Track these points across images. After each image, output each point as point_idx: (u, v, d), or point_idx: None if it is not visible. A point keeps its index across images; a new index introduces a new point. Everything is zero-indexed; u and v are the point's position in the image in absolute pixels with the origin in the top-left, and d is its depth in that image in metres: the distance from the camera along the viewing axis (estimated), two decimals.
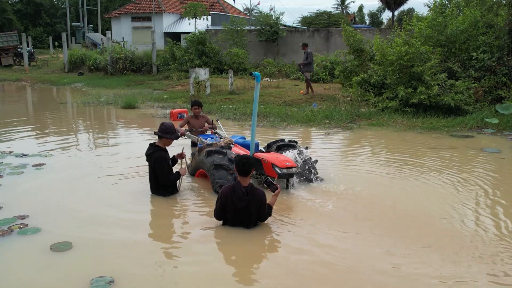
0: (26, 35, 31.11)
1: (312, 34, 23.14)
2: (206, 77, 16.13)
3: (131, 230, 4.79)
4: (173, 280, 3.85)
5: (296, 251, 4.32)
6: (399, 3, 51.50)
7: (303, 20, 50.54)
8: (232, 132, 9.34)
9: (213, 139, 7.26)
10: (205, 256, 4.28)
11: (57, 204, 5.51)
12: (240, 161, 4.71)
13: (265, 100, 14.30)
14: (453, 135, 9.63)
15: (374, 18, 72.89)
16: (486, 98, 11.59)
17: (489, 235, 4.64)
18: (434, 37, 12.54)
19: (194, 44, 22.19)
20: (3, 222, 4.89)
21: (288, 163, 5.80)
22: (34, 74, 25.57)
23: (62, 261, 4.14)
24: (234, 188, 4.69)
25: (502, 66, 11.79)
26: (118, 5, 52.90)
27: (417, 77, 11.39)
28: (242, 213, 4.68)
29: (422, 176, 6.73)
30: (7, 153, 7.98)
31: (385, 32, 18.61)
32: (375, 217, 5.15)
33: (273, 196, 4.94)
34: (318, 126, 10.76)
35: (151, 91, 18.02)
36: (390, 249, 4.33)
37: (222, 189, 4.81)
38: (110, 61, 23.94)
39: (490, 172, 6.97)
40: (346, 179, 6.45)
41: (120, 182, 6.39)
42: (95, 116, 13.17)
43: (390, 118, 10.93)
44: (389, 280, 3.81)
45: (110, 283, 3.70)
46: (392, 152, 8.44)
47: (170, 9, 36.80)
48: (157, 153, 5.69)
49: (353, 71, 13.70)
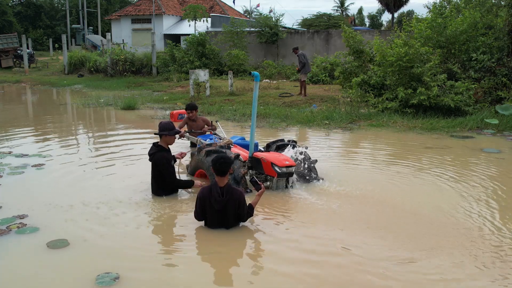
0: (26, 37, 31.18)
1: (312, 35, 23.17)
2: (206, 78, 16.15)
3: (131, 229, 4.78)
4: (175, 277, 3.85)
5: (296, 250, 4.30)
6: (399, 5, 51.59)
7: (303, 22, 50.72)
8: (231, 133, 9.34)
9: (212, 140, 7.26)
10: (206, 255, 4.28)
11: (56, 203, 5.50)
12: (217, 161, 4.56)
13: (265, 101, 14.31)
14: (453, 135, 9.63)
15: (373, 20, 72.95)
16: (486, 99, 11.60)
17: (490, 235, 4.63)
18: (433, 38, 12.56)
19: (194, 46, 22.25)
20: (2, 222, 4.88)
21: (288, 162, 5.80)
22: (34, 76, 25.60)
23: (62, 259, 4.13)
24: (211, 189, 4.57)
25: (502, 67, 11.79)
26: (118, 7, 53.05)
27: (417, 78, 11.39)
28: (220, 214, 4.57)
29: (422, 176, 6.72)
30: (7, 153, 7.99)
31: (385, 34, 18.62)
32: (374, 216, 5.14)
33: (256, 196, 4.82)
34: (318, 127, 10.76)
35: (151, 93, 18.04)
36: (391, 249, 4.31)
37: (200, 190, 4.70)
38: (110, 63, 23.96)
39: (490, 172, 6.96)
40: (346, 179, 6.44)
41: (120, 182, 6.37)
42: (95, 117, 13.17)
43: (390, 119, 10.93)
44: (391, 281, 3.80)
45: (115, 279, 3.71)
46: (392, 152, 8.44)
47: (170, 11, 36.85)
48: (159, 154, 5.64)
49: (353, 72, 13.72)
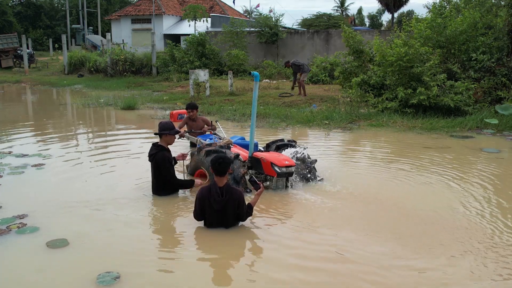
0: (26, 37, 31.17)
1: (311, 35, 23.17)
2: (206, 78, 16.15)
3: (131, 229, 4.78)
4: (175, 276, 3.86)
5: (296, 250, 4.31)
6: (399, 5, 51.60)
7: (303, 22, 50.69)
8: (231, 133, 9.34)
9: (212, 139, 7.26)
10: (206, 254, 4.29)
11: (56, 203, 5.50)
12: (216, 161, 4.56)
13: (264, 101, 14.31)
14: (453, 135, 9.63)
15: (373, 20, 72.95)
16: (486, 99, 11.60)
17: (492, 234, 4.63)
18: (433, 38, 12.56)
19: (194, 46, 22.25)
20: (2, 222, 4.88)
21: (287, 162, 5.80)
22: (34, 76, 25.60)
23: (63, 258, 4.14)
24: (210, 189, 4.57)
25: (502, 67, 11.80)
26: (118, 7, 53.06)
27: (417, 78, 11.39)
28: (219, 214, 4.57)
29: (422, 176, 6.72)
30: (7, 153, 7.99)
31: (385, 34, 18.63)
32: (374, 216, 5.14)
33: (256, 195, 4.83)
34: (318, 127, 10.77)
35: (151, 93, 18.04)
36: (391, 248, 4.32)
37: (199, 190, 4.68)
38: (110, 63, 23.96)
39: (489, 172, 6.95)
40: (345, 179, 6.44)
41: (120, 182, 6.38)
42: (95, 117, 13.17)
43: (389, 119, 10.93)
44: (391, 280, 3.80)
45: (116, 278, 3.72)
46: (391, 152, 8.45)
47: (170, 11, 36.87)
48: (160, 154, 5.63)
49: (353, 72, 13.72)
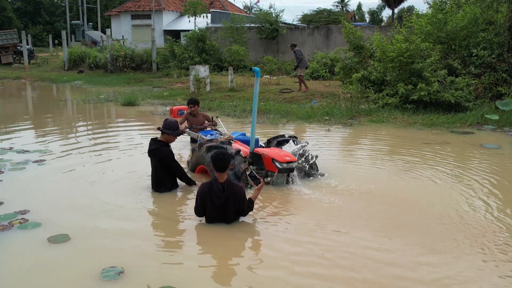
0: (26, 33, 31.09)
1: (312, 31, 23.12)
2: (206, 74, 16.13)
3: (132, 224, 4.79)
4: (178, 271, 3.88)
5: (296, 248, 4.30)
6: (399, 1, 51.49)
7: (303, 18, 50.47)
8: (232, 129, 9.35)
9: (213, 135, 7.27)
10: (208, 250, 4.30)
11: (57, 199, 5.52)
12: (216, 156, 4.58)
13: (265, 97, 14.30)
14: (453, 131, 9.64)
15: (374, 16, 72.83)
16: (486, 95, 11.60)
17: (495, 230, 4.65)
18: (434, 34, 12.53)
19: (194, 42, 22.22)
20: (4, 218, 4.89)
21: (288, 157, 5.81)
22: (34, 72, 25.56)
23: (65, 253, 4.15)
24: (212, 184, 4.59)
25: (502, 62, 11.78)
26: (118, 3, 52.88)
27: (417, 74, 11.38)
28: (221, 209, 4.59)
29: (422, 171, 6.73)
30: (8, 149, 8.00)
31: (385, 30, 18.57)
32: (375, 212, 5.15)
33: (256, 190, 4.85)
34: (318, 122, 10.77)
35: (151, 89, 18.03)
36: (391, 246, 4.32)
37: (200, 186, 4.69)
38: (110, 59, 23.93)
39: (490, 167, 6.97)
40: (346, 175, 6.46)
41: (121, 177, 6.39)
42: (95, 113, 13.17)
43: (390, 115, 10.93)
44: (391, 279, 3.81)
45: (120, 273, 3.73)
46: (392, 148, 8.45)
47: (169, 7, 36.77)
48: (163, 149, 5.63)
49: (353, 68, 13.71)
